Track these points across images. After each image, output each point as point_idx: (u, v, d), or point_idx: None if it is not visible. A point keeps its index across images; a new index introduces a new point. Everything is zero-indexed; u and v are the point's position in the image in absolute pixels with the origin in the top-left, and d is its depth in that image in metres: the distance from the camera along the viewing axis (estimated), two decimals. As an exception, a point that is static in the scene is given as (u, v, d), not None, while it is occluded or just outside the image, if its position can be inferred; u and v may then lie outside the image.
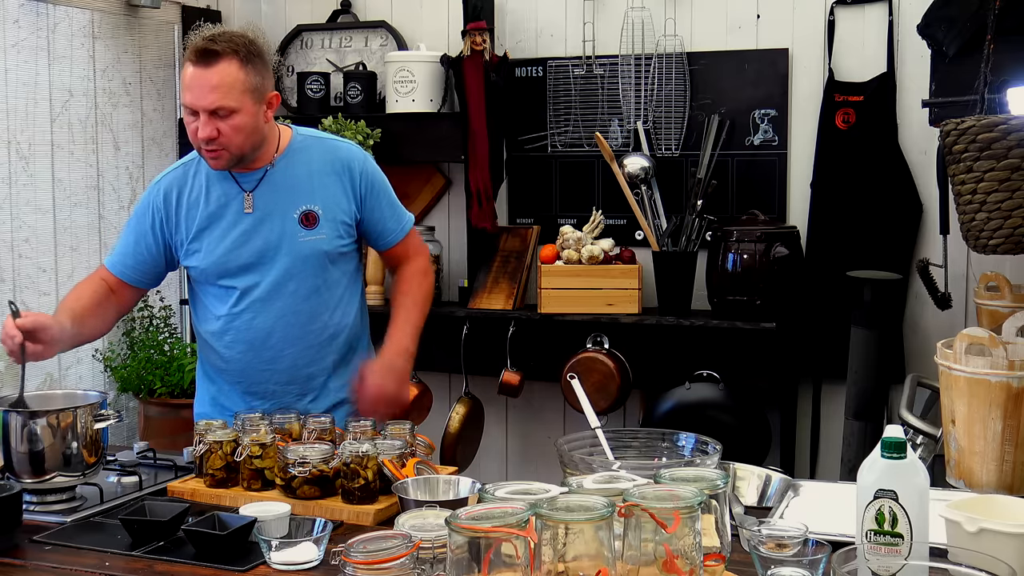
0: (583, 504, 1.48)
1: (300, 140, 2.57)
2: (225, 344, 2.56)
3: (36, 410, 2.15)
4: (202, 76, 2.34)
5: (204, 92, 2.34)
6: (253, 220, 2.49)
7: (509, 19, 4.07)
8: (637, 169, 3.80)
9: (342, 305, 2.58)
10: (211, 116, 2.35)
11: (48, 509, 2.12)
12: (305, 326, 2.53)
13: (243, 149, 2.42)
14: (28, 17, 3.66)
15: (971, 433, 2.22)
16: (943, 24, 2.99)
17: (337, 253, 2.54)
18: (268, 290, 2.50)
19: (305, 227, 2.49)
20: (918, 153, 3.61)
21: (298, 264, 2.50)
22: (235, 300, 2.52)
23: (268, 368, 2.55)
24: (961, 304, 3.53)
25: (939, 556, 1.61)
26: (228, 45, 2.35)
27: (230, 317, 2.53)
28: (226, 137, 2.37)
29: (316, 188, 2.52)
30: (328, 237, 2.51)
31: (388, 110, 4.03)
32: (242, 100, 2.36)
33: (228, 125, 2.36)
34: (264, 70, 2.43)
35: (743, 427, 3.57)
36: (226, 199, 2.51)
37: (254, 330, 2.52)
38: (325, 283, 2.54)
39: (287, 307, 2.51)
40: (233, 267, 2.51)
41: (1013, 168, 2.46)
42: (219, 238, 2.51)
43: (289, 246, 2.49)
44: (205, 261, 2.52)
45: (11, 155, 3.61)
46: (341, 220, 2.53)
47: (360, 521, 2.05)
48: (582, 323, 3.75)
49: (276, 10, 4.41)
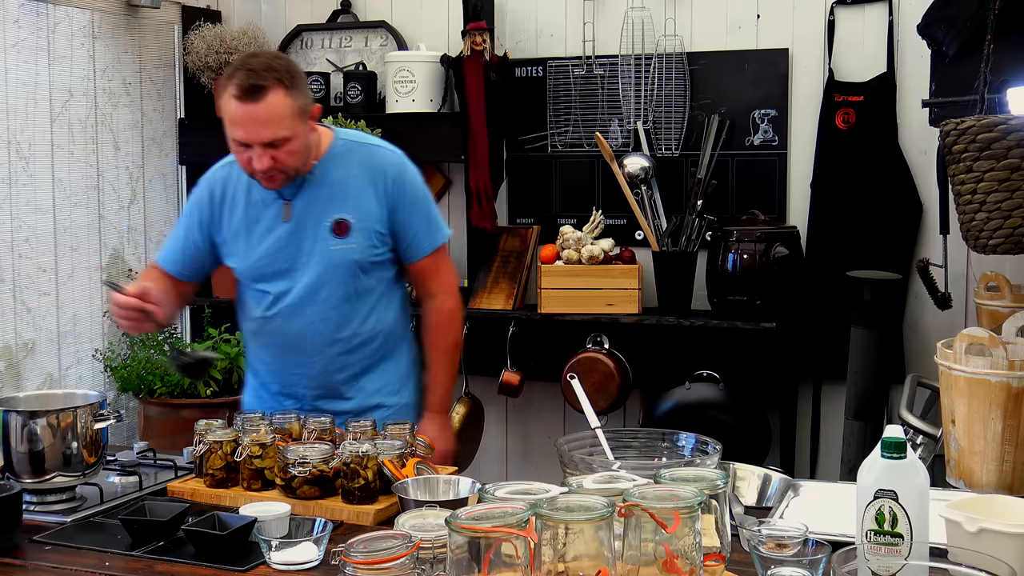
0: (583, 504, 1.48)
1: (340, 144, 2.54)
2: (260, 345, 2.61)
3: (36, 410, 2.14)
4: (252, 112, 2.32)
5: (257, 128, 2.32)
6: (289, 228, 2.50)
7: (509, 19, 4.07)
8: (637, 169, 3.80)
9: (376, 312, 2.56)
10: (266, 147, 2.34)
11: (48, 509, 2.12)
12: (334, 333, 2.53)
13: (298, 169, 2.43)
14: (28, 17, 3.66)
15: (971, 433, 2.22)
16: (943, 24, 2.99)
17: (370, 262, 2.51)
18: (299, 296, 2.51)
19: (337, 236, 2.48)
20: (918, 153, 3.61)
21: (329, 272, 2.49)
22: (268, 304, 2.54)
23: (298, 372, 2.57)
24: (961, 304, 3.53)
25: (939, 556, 1.61)
26: (271, 75, 2.32)
27: (264, 320, 2.56)
28: (281, 163, 2.37)
29: (350, 196, 2.49)
30: (360, 246, 2.49)
31: (388, 110, 4.03)
32: (293, 126, 2.35)
33: (283, 152, 2.36)
34: (304, 87, 2.41)
35: (743, 427, 3.57)
36: (264, 205, 2.52)
37: (285, 335, 2.54)
38: (356, 291, 2.52)
39: (317, 314, 2.51)
40: (267, 272, 2.53)
41: (1013, 168, 2.46)
42: (255, 243, 2.52)
43: (321, 254, 2.49)
44: (242, 264, 2.56)
45: (11, 155, 3.61)
46: (374, 229, 2.50)
47: (360, 521, 2.05)
48: (582, 323, 3.75)
49: (276, 10, 4.41)
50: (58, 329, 3.80)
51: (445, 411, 2.70)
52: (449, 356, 2.67)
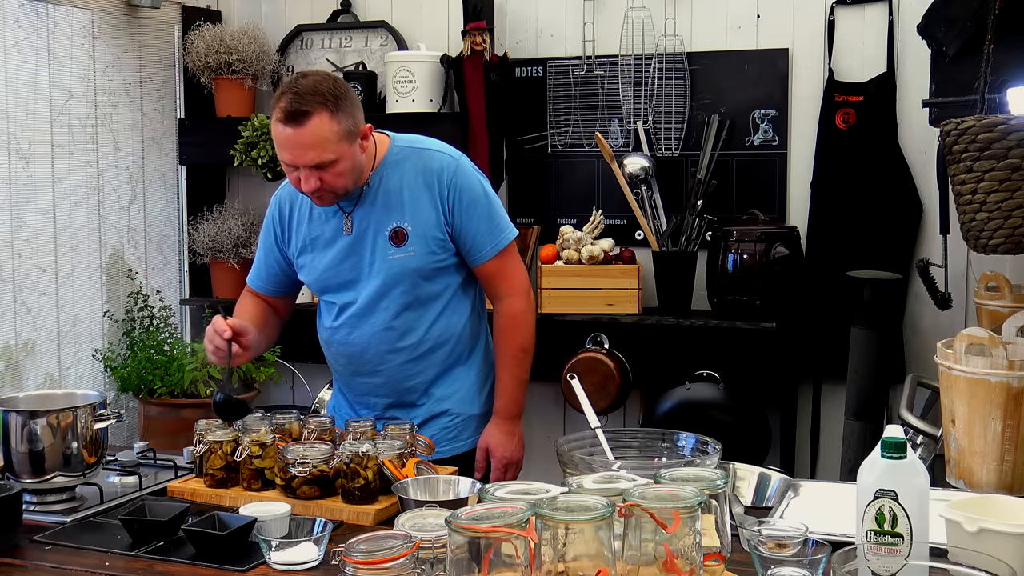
0: (583, 504, 1.48)
1: (396, 152, 2.52)
2: (331, 355, 2.63)
3: (36, 410, 2.14)
4: (296, 137, 2.31)
5: (302, 152, 2.31)
6: (351, 240, 2.50)
7: (509, 19, 4.07)
8: (637, 169, 3.80)
9: (443, 318, 2.53)
10: (313, 169, 2.34)
11: (48, 509, 2.12)
12: (397, 342, 2.51)
13: (347, 188, 2.41)
14: (28, 17, 3.66)
15: (971, 433, 2.22)
16: (943, 24, 2.99)
17: (431, 269, 2.48)
18: (363, 307, 2.51)
19: (395, 244, 2.47)
20: (918, 153, 3.62)
21: (389, 282, 2.48)
22: (336, 314, 2.55)
23: (367, 382, 2.57)
24: (961, 304, 3.53)
25: (939, 556, 1.61)
26: (315, 99, 2.30)
27: (332, 330, 2.57)
28: (329, 184, 2.37)
29: (407, 203, 2.47)
30: (418, 254, 2.46)
31: (388, 110, 4.02)
32: (339, 149, 2.33)
33: (330, 174, 2.35)
34: (353, 108, 2.39)
35: (743, 427, 3.57)
36: (327, 218, 2.52)
37: (351, 345, 2.54)
38: (419, 299, 2.50)
39: (379, 323, 2.50)
40: (333, 284, 2.54)
41: (1013, 168, 2.46)
42: (320, 256, 2.53)
43: (381, 264, 2.48)
44: (309, 277, 2.58)
45: (11, 155, 3.61)
46: (433, 236, 2.47)
47: (360, 521, 2.05)
48: (582, 323, 3.75)
49: (276, 10, 4.41)
50: (58, 329, 3.79)
51: (512, 416, 2.60)
52: (516, 360, 2.59)
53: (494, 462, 2.57)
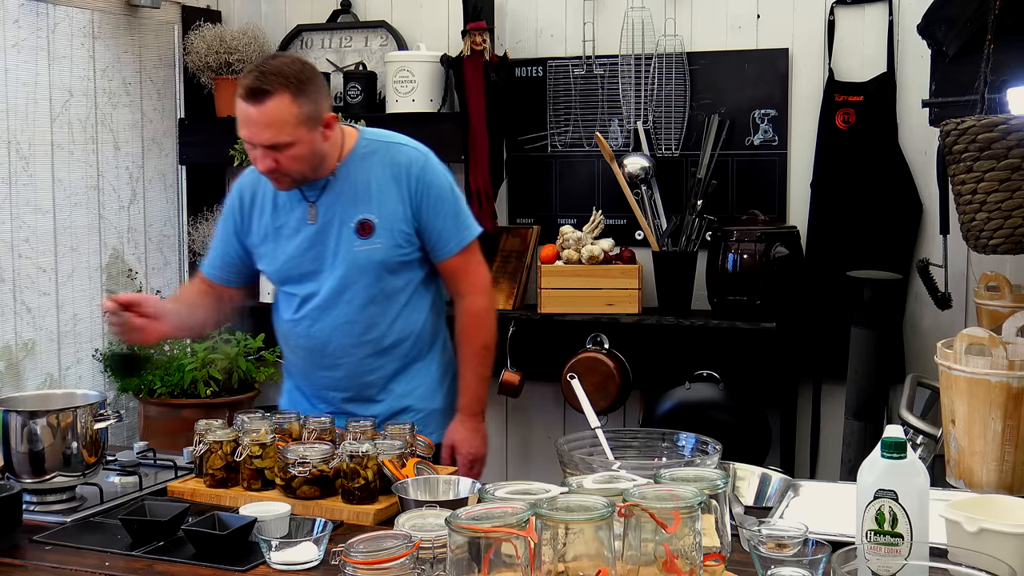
0: (583, 504, 1.48)
1: (364, 145, 2.53)
2: (290, 348, 2.62)
3: (36, 410, 2.14)
4: (255, 114, 2.32)
5: (258, 130, 2.33)
6: (315, 230, 2.49)
7: (509, 19, 4.07)
8: (637, 169, 3.79)
9: (405, 314, 2.54)
10: (268, 149, 2.35)
11: (48, 509, 2.12)
12: (361, 336, 2.52)
13: (304, 174, 2.42)
14: (28, 17, 3.66)
15: (971, 433, 2.22)
16: (943, 24, 2.99)
17: (396, 263, 2.49)
18: (325, 299, 2.50)
19: (361, 236, 2.47)
20: (918, 153, 3.61)
21: (353, 274, 2.48)
22: (296, 307, 2.54)
23: (327, 375, 2.56)
24: (961, 304, 3.52)
25: (939, 556, 1.61)
26: (278, 79, 2.32)
27: (293, 323, 2.56)
28: (285, 167, 2.38)
29: (375, 196, 2.48)
30: (385, 247, 2.47)
31: (388, 110, 4.02)
32: (296, 132, 2.34)
33: (286, 156, 2.36)
34: (317, 95, 2.40)
35: (743, 427, 3.57)
36: (290, 207, 2.52)
37: (312, 338, 2.54)
38: (383, 293, 2.50)
39: (343, 316, 2.50)
40: (295, 275, 2.53)
41: (1013, 168, 2.46)
42: (283, 246, 2.53)
43: (345, 255, 2.48)
44: (270, 267, 2.57)
45: (11, 155, 3.61)
46: (400, 229, 2.48)
47: (360, 521, 2.05)
48: (582, 323, 3.75)
49: (276, 10, 4.41)
50: (58, 329, 3.79)
51: (476, 414, 2.63)
52: (479, 358, 2.61)
53: (460, 459, 2.58)
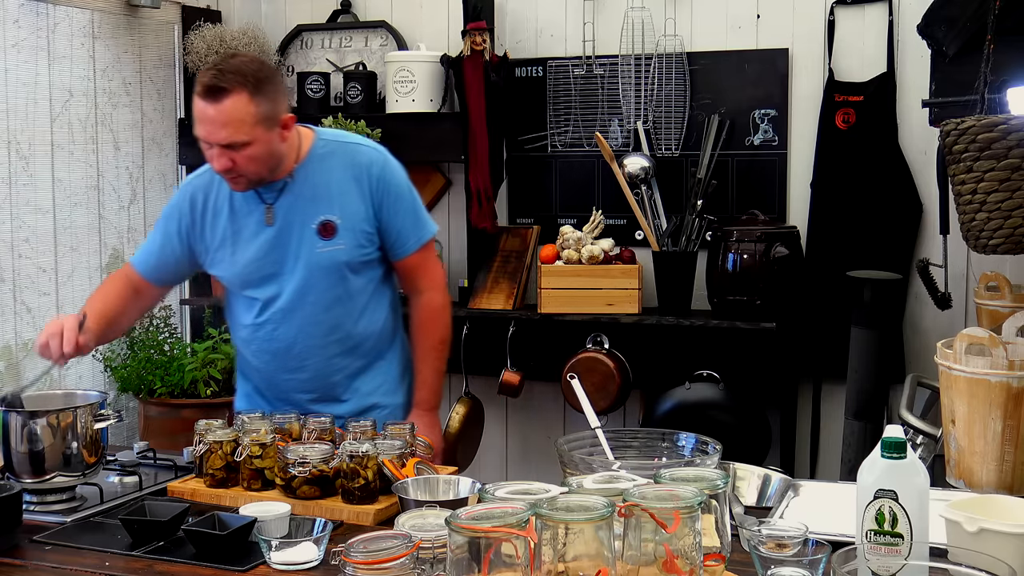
0: (583, 504, 1.48)
1: (322, 145, 2.53)
2: (252, 352, 2.60)
3: (36, 410, 2.14)
4: (211, 112, 2.31)
5: (215, 128, 2.32)
6: (274, 232, 2.49)
7: (509, 19, 4.07)
8: (637, 169, 3.80)
9: (367, 313, 2.56)
10: (224, 148, 2.34)
11: (48, 509, 2.12)
12: (326, 336, 2.52)
13: (260, 174, 2.41)
14: (28, 17, 3.66)
15: (971, 433, 2.22)
16: (943, 24, 2.99)
17: (359, 263, 2.51)
18: (288, 301, 2.50)
19: (323, 238, 2.47)
20: (918, 153, 3.61)
21: (317, 275, 2.48)
22: (258, 311, 2.53)
23: (293, 377, 2.56)
24: (961, 304, 3.53)
25: (939, 556, 1.61)
26: (236, 78, 2.30)
27: (254, 327, 2.55)
28: (241, 167, 2.37)
29: (335, 196, 2.48)
30: (347, 247, 2.48)
31: (388, 110, 4.03)
32: (253, 132, 2.33)
33: (242, 156, 2.35)
34: (275, 95, 2.38)
35: (743, 427, 3.57)
36: (248, 210, 2.51)
37: (277, 341, 2.53)
38: (347, 293, 2.51)
39: (307, 318, 2.50)
40: (255, 278, 2.52)
41: (1013, 168, 2.46)
42: (241, 250, 2.51)
43: (308, 257, 2.47)
44: (228, 272, 2.55)
45: (11, 155, 3.61)
46: (361, 229, 2.49)
47: (360, 521, 2.05)
48: (582, 323, 3.75)
49: (276, 10, 4.41)
50: (58, 329, 3.79)
51: (433, 408, 2.66)
52: (436, 352, 2.65)
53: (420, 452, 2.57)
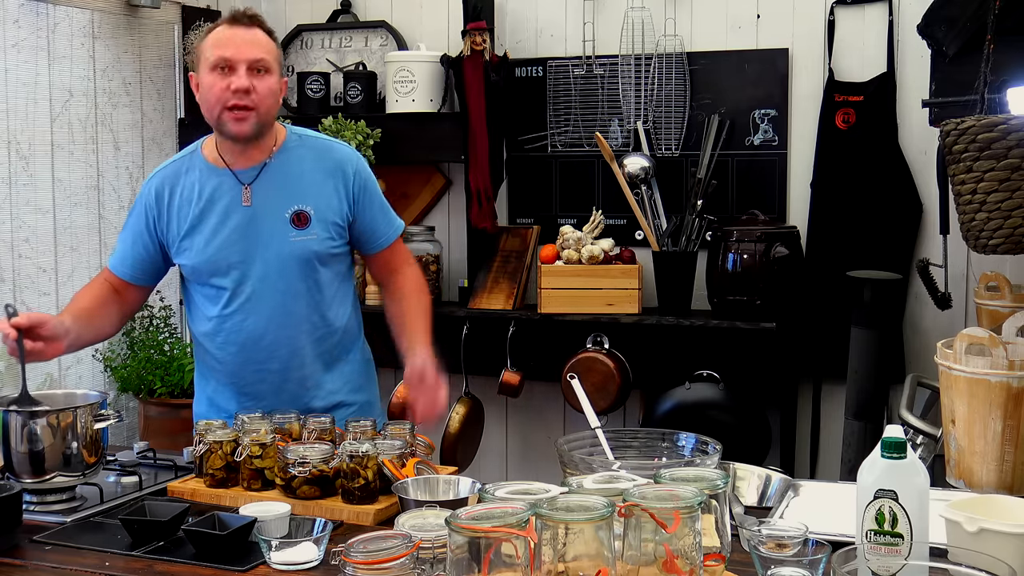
0: (583, 504, 1.48)
1: (295, 139, 2.58)
2: (217, 345, 2.55)
3: (36, 410, 2.14)
4: (242, 34, 2.45)
5: (245, 46, 2.43)
6: (250, 214, 2.48)
7: (509, 19, 4.07)
8: (637, 169, 3.80)
9: (334, 306, 2.57)
10: (249, 71, 2.42)
11: (48, 509, 2.12)
12: (296, 327, 2.52)
13: (269, 116, 2.47)
14: (28, 17, 3.66)
15: (971, 433, 2.22)
16: (943, 24, 2.99)
17: (328, 254, 2.53)
18: (258, 290, 2.48)
19: (296, 227, 2.48)
20: (918, 153, 3.62)
21: (288, 264, 2.48)
22: (226, 301, 2.51)
23: (261, 369, 2.53)
24: (961, 304, 3.53)
25: (939, 556, 1.61)
26: (260, 19, 2.52)
27: (221, 319, 2.52)
28: (259, 95, 2.42)
29: (308, 188, 2.51)
30: (319, 238, 2.50)
31: (388, 110, 4.03)
32: (274, 66, 2.47)
33: (263, 84, 2.43)
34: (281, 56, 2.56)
35: (743, 427, 3.57)
36: (221, 193, 2.50)
37: (245, 331, 2.51)
38: (316, 284, 2.52)
39: (277, 308, 2.49)
40: (223, 265, 2.49)
41: (1013, 168, 2.46)
42: (212, 233, 2.49)
43: (280, 246, 2.48)
44: (197, 258, 2.51)
45: (11, 155, 3.61)
46: (333, 221, 2.52)
47: (360, 521, 2.05)
48: (582, 323, 3.75)
49: (276, 10, 4.41)
50: (58, 329, 3.79)
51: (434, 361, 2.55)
52: (426, 310, 2.66)
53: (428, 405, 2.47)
